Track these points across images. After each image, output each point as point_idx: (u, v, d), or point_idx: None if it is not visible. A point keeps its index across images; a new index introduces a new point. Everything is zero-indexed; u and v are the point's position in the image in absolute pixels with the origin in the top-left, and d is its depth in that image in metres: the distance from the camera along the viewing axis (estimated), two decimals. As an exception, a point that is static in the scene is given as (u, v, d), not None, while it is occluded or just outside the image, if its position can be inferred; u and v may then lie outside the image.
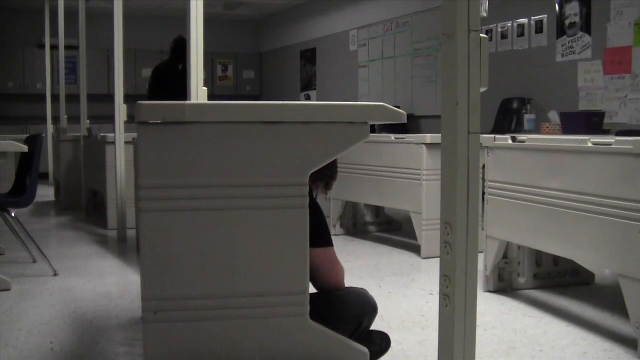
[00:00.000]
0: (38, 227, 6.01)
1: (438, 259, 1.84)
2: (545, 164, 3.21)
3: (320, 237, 2.37)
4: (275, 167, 2.14)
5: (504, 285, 3.69)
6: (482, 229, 3.62)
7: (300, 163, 2.16)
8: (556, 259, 3.77)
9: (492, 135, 3.58)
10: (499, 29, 7.44)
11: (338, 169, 2.62)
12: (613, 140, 2.84)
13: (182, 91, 6.58)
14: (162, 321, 2.12)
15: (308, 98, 11.66)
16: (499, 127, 7.02)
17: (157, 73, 7.18)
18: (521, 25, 7.16)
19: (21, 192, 4.34)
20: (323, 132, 2.16)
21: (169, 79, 6.82)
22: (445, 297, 1.79)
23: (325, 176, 2.51)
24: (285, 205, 2.15)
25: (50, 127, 9.48)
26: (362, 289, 2.57)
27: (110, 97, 5.71)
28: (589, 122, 5.78)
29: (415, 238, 4.71)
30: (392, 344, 2.64)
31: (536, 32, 6.97)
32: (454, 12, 1.71)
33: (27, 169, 4.39)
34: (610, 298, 3.54)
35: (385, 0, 9.41)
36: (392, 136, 4.92)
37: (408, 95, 9.03)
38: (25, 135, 5.06)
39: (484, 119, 2.14)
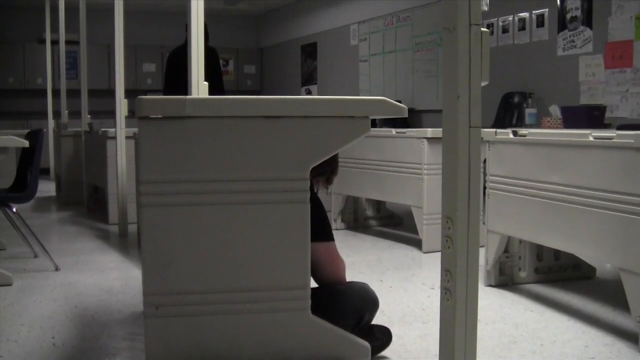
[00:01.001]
0: (39, 222, 6.02)
1: (439, 253, 1.84)
2: (546, 158, 3.21)
3: (321, 231, 2.37)
4: (277, 162, 2.14)
5: (505, 280, 3.69)
6: (484, 223, 3.62)
7: (301, 158, 2.16)
8: (557, 253, 3.77)
9: (494, 130, 3.58)
10: (500, 23, 7.43)
11: (339, 164, 2.62)
12: (614, 135, 2.83)
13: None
14: (163, 316, 2.12)
15: (309, 93, 11.66)
16: (500, 122, 7.02)
17: (173, 59, 6.63)
18: (522, 20, 7.15)
19: (22, 188, 4.35)
20: (324, 127, 2.16)
21: (180, 66, 6.69)
22: (447, 292, 1.79)
23: (326, 171, 2.51)
24: (286, 200, 2.15)
25: (51, 123, 9.49)
26: (363, 283, 2.57)
27: (111, 93, 5.72)
28: (590, 117, 5.78)
29: (416, 232, 4.71)
30: (394, 339, 2.64)
31: (537, 26, 6.96)
32: (455, 6, 1.70)
33: (28, 164, 4.39)
34: (612, 292, 3.54)
35: (386, -6, 9.40)
36: (394, 130, 4.91)
37: (409, 89, 9.02)
38: (26, 131, 5.06)
39: (485, 113, 2.14)
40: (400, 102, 2.11)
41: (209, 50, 6.67)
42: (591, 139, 2.95)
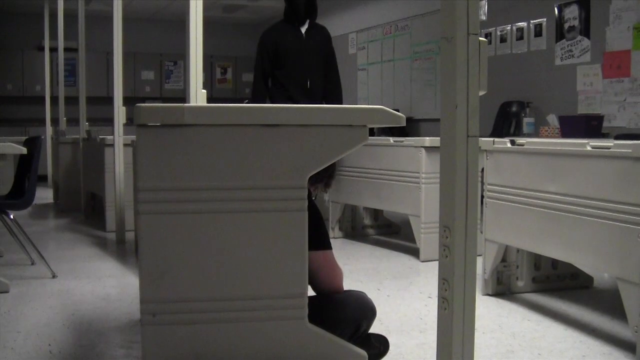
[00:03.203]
0: (37, 230, 6.01)
1: (437, 262, 1.84)
2: (544, 167, 3.21)
3: (319, 240, 2.37)
4: (274, 170, 2.14)
5: (502, 289, 3.68)
6: (481, 232, 3.63)
7: (299, 166, 2.16)
8: (555, 263, 3.77)
9: (491, 139, 3.58)
10: (499, 33, 7.45)
11: (337, 171, 2.62)
12: (612, 144, 2.84)
13: (308, 66, 5.20)
14: (160, 324, 2.12)
15: (307, 101, 11.66)
16: (498, 131, 7.03)
17: (268, 43, 5.12)
18: (520, 29, 7.17)
19: (20, 194, 4.34)
20: (322, 135, 2.16)
21: (281, 51, 5.14)
22: (444, 301, 1.79)
23: (324, 177, 2.51)
24: (284, 208, 2.15)
25: (49, 130, 9.48)
26: (360, 292, 2.57)
27: (109, 100, 5.72)
28: (588, 126, 5.79)
29: (414, 241, 4.71)
30: (391, 348, 2.64)
31: (535, 35, 6.99)
32: (453, 15, 1.71)
33: (26, 171, 4.39)
34: (609, 302, 3.54)
35: (385, 3, 9.42)
36: (391, 139, 4.92)
37: (407, 98, 9.04)
38: (25, 138, 5.06)
39: (483, 122, 2.14)
40: (398, 111, 2.11)
41: (321, 30, 5.45)
42: (589, 148, 2.95)
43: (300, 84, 5.16)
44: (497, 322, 3.20)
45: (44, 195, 8.47)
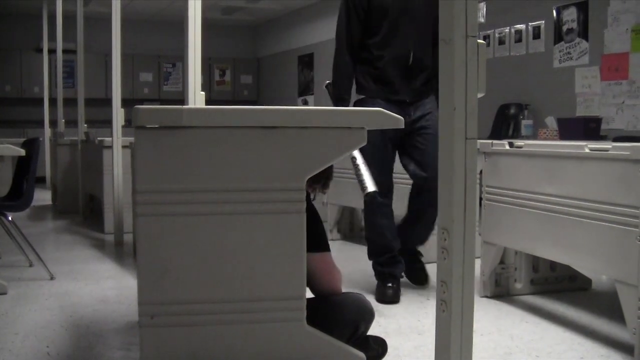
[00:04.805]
0: (35, 231, 6.00)
1: (435, 264, 1.84)
2: (542, 169, 3.21)
3: (317, 242, 2.37)
4: (273, 172, 2.14)
5: (500, 291, 3.68)
6: (479, 234, 3.63)
7: (297, 168, 2.16)
8: (553, 265, 3.77)
9: (490, 141, 3.58)
10: (497, 35, 7.46)
11: (334, 171, 2.62)
12: (610, 147, 2.84)
13: (412, 34, 3.60)
14: (158, 326, 2.11)
15: (306, 103, 11.67)
16: (497, 133, 7.03)
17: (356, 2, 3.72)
18: (519, 31, 7.18)
19: (18, 196, 4.34)
20: (320, 138, 2.16)
21: (375, 10, 3.65)
22: (442, 303, 1.79)
23: (321, 178, 2.51)
24: (282, 211, 2.15)
25: (47, 131, 9.47)
26: (359, 294, 2.57)
27: (108, 102, 5.71)
28: (586, 128, 5.80)
29: (412, 243, 4.70)
30: (389, 350, 2.64)
31: (534, 38, 6.99)
32: (451, 18, 1.71)
33: (25, 172, 4.39)
34: (608, 304, 3.54)
35: (383, 5, 9.42)
36: (390, 141, 4.90)
37: (406, 100, 9.02)
38: (23, 139, 5.06)
39: (481, 124, 2.15)
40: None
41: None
42: (587, 150, 2.96)
43: (398, 60, 3.64)
44: (495, 324, 3.20)
45: (42, 197, 8.45)
